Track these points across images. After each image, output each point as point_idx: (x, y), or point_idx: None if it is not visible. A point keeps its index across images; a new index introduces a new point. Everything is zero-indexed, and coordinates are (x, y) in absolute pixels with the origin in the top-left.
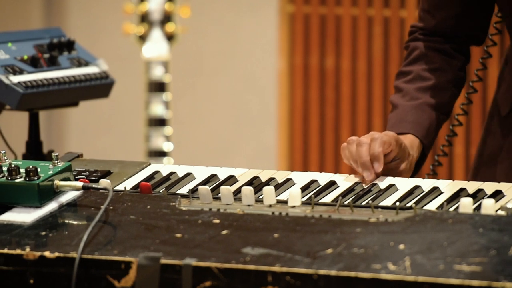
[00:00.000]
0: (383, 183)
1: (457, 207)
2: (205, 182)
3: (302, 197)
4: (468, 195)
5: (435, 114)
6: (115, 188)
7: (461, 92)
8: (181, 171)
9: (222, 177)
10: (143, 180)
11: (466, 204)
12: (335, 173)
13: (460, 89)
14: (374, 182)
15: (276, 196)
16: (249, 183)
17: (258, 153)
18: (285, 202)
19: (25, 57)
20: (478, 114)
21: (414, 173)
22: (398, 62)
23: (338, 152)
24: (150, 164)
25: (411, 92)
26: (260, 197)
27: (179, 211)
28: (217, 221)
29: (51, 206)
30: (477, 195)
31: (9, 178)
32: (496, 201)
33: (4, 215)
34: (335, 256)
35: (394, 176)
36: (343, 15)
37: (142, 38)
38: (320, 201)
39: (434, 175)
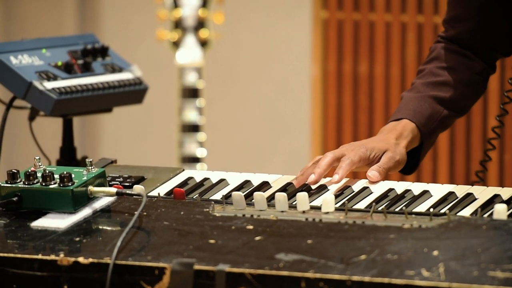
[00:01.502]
0: (416, 189)
1: (491, 214)
2: (238, 188)
3: (336, 203)
4: (502, 201)
5: (439, 107)
6: (148, 194)
7: (478, 96)
8: (214, 177)
9: (255, 183)
10: (176, 186)
11: (500, 211)
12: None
13: (475, 91)
14: (408, 188)
15: (310, 202)
16: (282, 189)
17: (292, 159)
18: (318, 208)
19: (59, 63)
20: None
21: (415, 162)
22: None
23: None
24: (183, 170)
25: (418, 86)
26: (294, 203)
27: (212, 217)
28: (250, 227)
29: (85, 212)
30: (511, 202)
31: (44, 184)
32: None
33: (38, 221)
34: (368, 262)
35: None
36: (376, 21)
37: (176, 44)
38: (353, 207)
39: (481, 181)
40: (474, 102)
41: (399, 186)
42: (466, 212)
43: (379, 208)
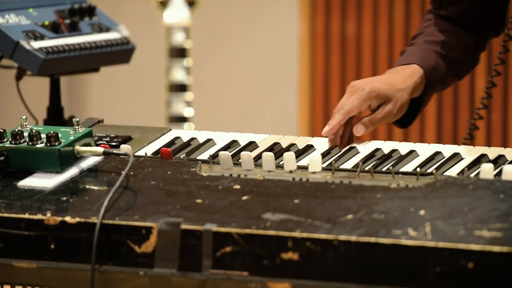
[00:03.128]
0: (403, 149)
1: (478, 173)
2: (225, 147)
3: (323, 163)
4: (489, 161)
5: (442, 62)
6: (135, 154)
7: (474, 65)
8: (201, 136)
9: (242, 143)
10: (163, 146)
11: (487, 170)
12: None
13: (472, 58)
14: (395, 148)
15: (297, 162)
16: (269, 149)
17: (279, 119)
18: (305, 168)
19: (46, 22)
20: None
21: (416, 110)
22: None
23: None
24: (170, 130)
25: (420, 43)
26: (281, 163)
27: (199, 176)
28: (237, 186)
29: (72, 171)
30: (498, 161)
31: (30, 143)
32: None
33: (25, 181)
34: (355, 221)
35: (388, 120)
36: None
37: (163, 4)
38: (340, 167)
39: (471, 139)
40: (470, 70)
41: (386, 146)
42: (453, 171)
43: (366, 168)
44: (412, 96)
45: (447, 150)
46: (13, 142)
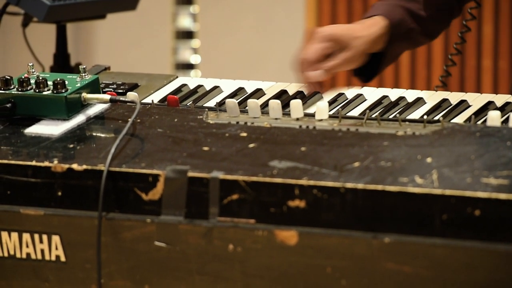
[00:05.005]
0: (410, 96)
1: (485, 120)
2: (232, 95)
3: (330, 111)
4: (496, 108)
5: (410, 18)
6: (142, 101)
7: (448, 24)
8: (208, 84)
9: (249, 90)
10: (170, 93)
11: (494, 117)
12: (362, 87)
13: (445, 17)
14: (402, 95)
15: (304, 110)
16: (276, 96)
17: (286, 66)
18: (312, 115)
19: None
20: (507, 26)
21: (374, 70)
22: None
23: None
24: (177, 77)
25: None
26: (288, 110)
27: (206, 124)
28: (244, 134)
29: (79, 118)
30: (505, 108)
31: (37, 90)
32: None
33: (32, 128)
34: (362, 169)
35: (346, 67)
36: None
37: None
38: (347, 114)
39: (444, 86)
40: (444, 28)
41: (393, 93)
42: (460, 119)
43: (373, 115)
44: (374, 48)
45: (454, 97)
46: (19, 89)
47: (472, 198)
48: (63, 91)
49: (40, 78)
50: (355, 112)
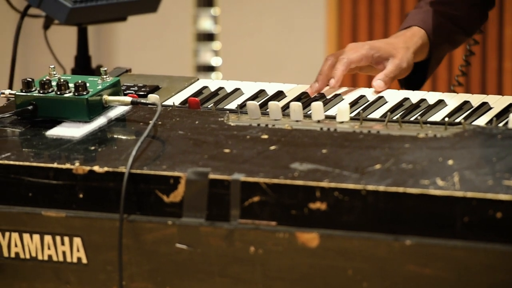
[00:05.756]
0: (432, 98)
1: (506, 123)
2: (253, 97)
3: (351, 113)
4: None
5: (447, 22)
6: (163, 103)
7: (484, 19)
8: (229, 86)
9: (270, 92)
10: (191, 95)
11: None
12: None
13: (480, 13)
14: (423, 97)
15: (325, 112)
16: (297, 98)
17: (307, 68)
18: (333, 117)
19: None
20: None
21: (422, 78)
22: None
23: None
24: (198, 79)
25: (423, 5)
26: (309, 112)
27: (227, 126)
28: (265, 136)
29: (100, 121)
30: None
31: (58, 93)
32: None
33: (53, 130)
34: (383, 171)
35: (399, 75)
36: None
37: None
38: (368, 116)
39: (460, 85)
40: (482, 22)
41: (414, 95)
42: (481, 121)
43: (394, 118)
44: (417, 59)
45: (476, 99)
46: (41, 92)
47: (494, 200)
48: (85, 93)
49: (62, 80)
50: (376, 114)
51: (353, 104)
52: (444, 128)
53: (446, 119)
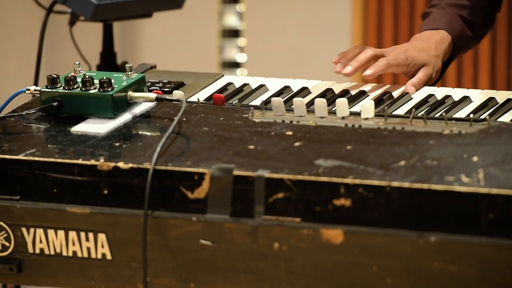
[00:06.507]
0: (457, 95)
1: None
2: (278, 93)
3: (375, 109)
4: None
5: (467, 29)
6: (188, 100)
7: (492, 26)
8: (254, 82)
9: (295, 88)
10: (216, 92)
11: None
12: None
13: (491, 20)
14: (448, 94)
15: (349, 108)
16: (322, 95)
17: (332, 65)
18: (358, 114)
19: None
20: None
21: (440, 74)
22: None
23: None
24: (223, 75)
25: (444, 5)
26: (333, 109)
27: (252, 122)
28: (289, 133)
29: (125, 117)
30: None
31: (84, 89)
32: None
33: (78, 126)
34: (408, 168)
35: (427, 83)
36: None
37: None
38: (393, 113)
39: None
40: (488, 31)
41: (439, 92)
42: (507, 117)
43: (419, 114)
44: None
45: (501, 96)
46: (66, 88)
47: None
48: (109, 89)
49: (87, 76)
50: (401, 110)
51: (377, 100)
52: (469, 125)
53: (471, 115)
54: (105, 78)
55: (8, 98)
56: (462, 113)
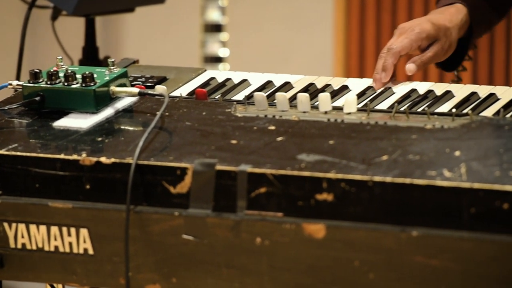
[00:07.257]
0: (439, 89)
1: None
2: (260, 88)
3: (358, 104)
4: None
5: (485, 2)
6: (171, 94)
7: (510, 6)
8: (236, 77)
9: (277, 83)
10: (199, 87)
11: None
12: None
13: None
14: (430, 88)
15: (332, 103)
16: (304, 89)
17: (314, 59)
18: (340, 108)
19: None
20: None
21: (463, 53)
22: None
23: None
24: (205, 70)
25: None
26: (316, 103)
27: (234, 117)
28: (272, 127)
29: (107, 112)
30: None
31: (66, 84)
32: None
33: (60, 121)
34: (390, 162)
35: (437, 59)
36: None
37: None
38: (375, 107)
39: (458, 81)
40: (509, 9)
41: (422, 87)
42: (489, 112)
43: (402, 109)
44: (459, 35)
45: (483, 90)
46: (48, 83)
47: (501, 191)
48: (92, 84)
49: (69, 71)
50: (384, 105)
51: (360, 95)
52: (451, 119)
53: (454, 110)
54: (87, 73)
55: None
56: (445, 107)
